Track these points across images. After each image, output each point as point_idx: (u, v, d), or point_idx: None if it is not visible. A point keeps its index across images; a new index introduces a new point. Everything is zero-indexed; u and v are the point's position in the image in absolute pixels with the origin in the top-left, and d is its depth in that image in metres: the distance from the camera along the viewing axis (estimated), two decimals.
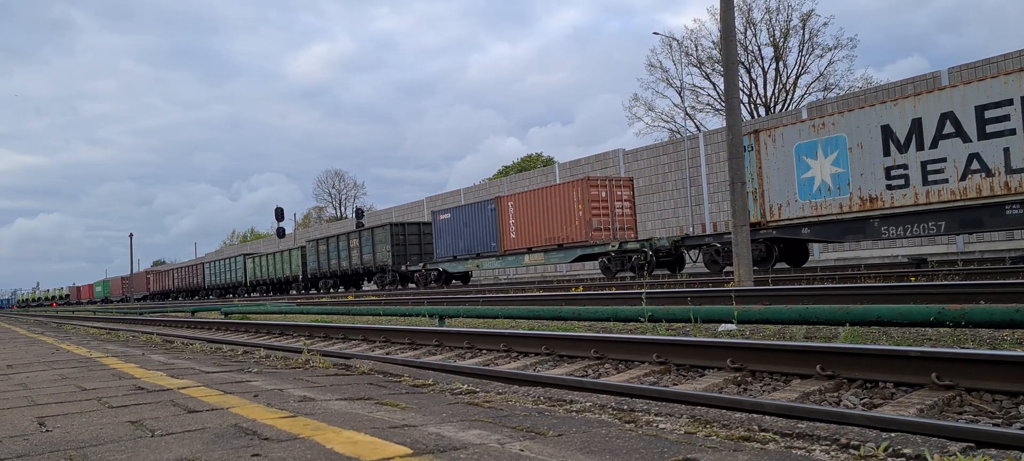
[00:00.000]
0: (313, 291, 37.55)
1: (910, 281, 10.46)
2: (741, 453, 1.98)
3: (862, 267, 16.79)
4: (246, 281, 44.79)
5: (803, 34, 40.47)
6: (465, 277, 29.38)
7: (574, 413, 2.74)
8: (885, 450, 2.01)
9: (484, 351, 6.44)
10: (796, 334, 6.19)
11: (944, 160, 13.65)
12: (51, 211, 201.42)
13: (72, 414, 3.05)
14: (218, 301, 40.48)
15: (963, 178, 13.37)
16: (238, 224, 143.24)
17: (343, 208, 76.87)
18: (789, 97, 41.79)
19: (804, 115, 23.95)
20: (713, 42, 42.04)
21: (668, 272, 19.65)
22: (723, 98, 15.64)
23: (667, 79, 46.04)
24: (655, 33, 70.28)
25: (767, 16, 41.64)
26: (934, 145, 13.80)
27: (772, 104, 41.86)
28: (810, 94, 40.78)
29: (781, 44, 41.08)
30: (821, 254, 23.07)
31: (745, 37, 41.46)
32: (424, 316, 10.00)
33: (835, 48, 40.23)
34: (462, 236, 26.94)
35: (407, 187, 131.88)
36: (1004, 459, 1.90)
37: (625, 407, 2.85)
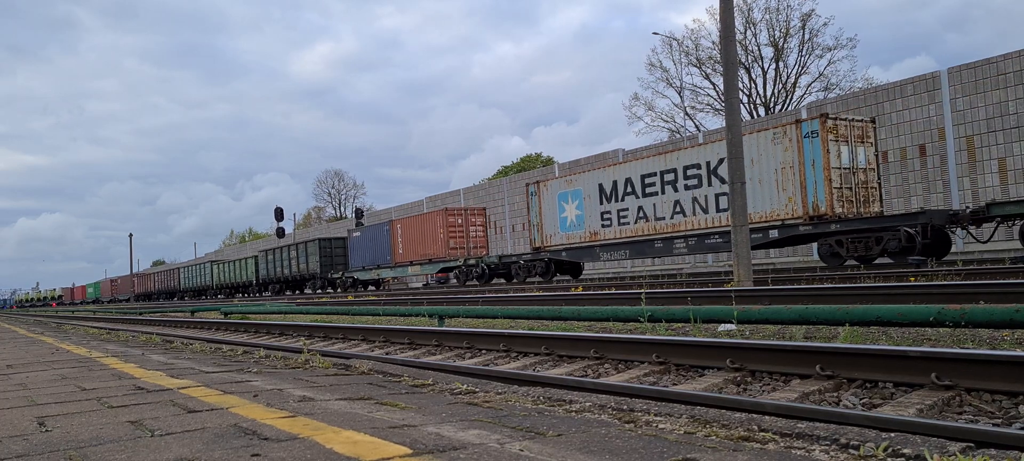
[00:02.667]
0: (265, 293, 43.66)
1: (910, 281, 10.46)
2: (741, 453, 1.98)
3: (861, 267, 16.79)
4: (213, 285, 50.95)
5: (803, 34, 40.51)
6: (377, 283, 34.83)
7: (574, 413, 2.74)
8: (885, 450, 2.01)
9: (484, 351, 6.44)
10: (796, 334, 6.19)
11: (627, 209, 20.48)
12: (53, 211, 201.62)
13: (72, 414, 3.05)
14: (192, 301, 46.07)
15: (635, 222, 20.26)
16: (242, 223, 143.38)
17: (343, 208, 76.89)
18: (789, 97, 41.83)
19: (803, 114, 23.98)
20: (713, 42, 42.07)
21: (503, 281, 25.97)
22: (723, 98, 15.68)
23: (667, 79, 46.09)
24: (655, 33, 70.30)
25: (767, 16, 41.68)
26: (622, 199, 20.61)
27: (772, 104, 41.88)
28: (810, 94, 40.82)
29: (781, 44, 41.11)
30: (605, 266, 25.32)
31: (745, 37, 41.49)
32: (424, 316, 10.00)
33: (835, 48, 40.27)
34: (369, 251, 33.46)
35: (409, 187, 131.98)
36: (1004, 459, 1.90)
37: (625, 407, 2.85)
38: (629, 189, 20.27)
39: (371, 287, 34.56)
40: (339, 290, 34.99)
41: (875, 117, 17.79)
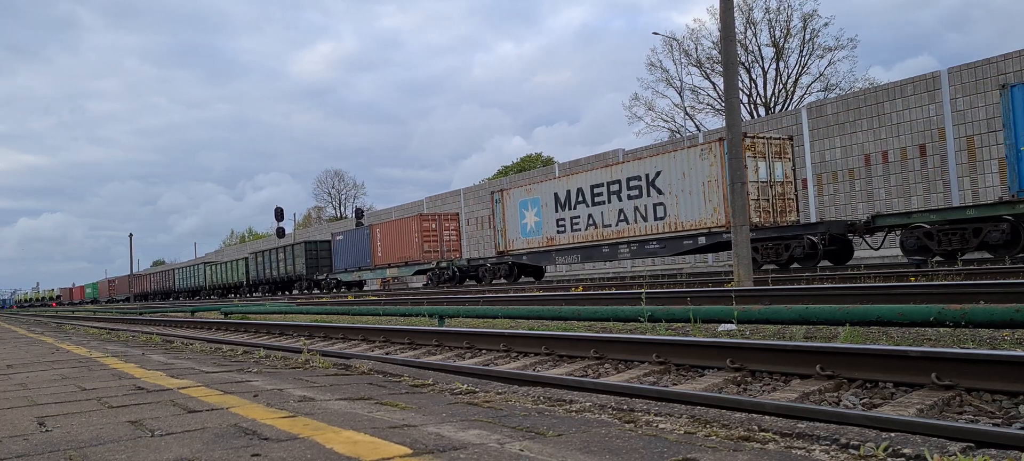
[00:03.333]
0: (256, 293, 44.97)
1: (910, 281, 10.46)
2: (741, 453, 1.98)
3: (861, 267, 16.81)
4: (206, 285, 52.39)
5: (804, 34, 40.52)
6: (360, 284, 35.74)
7: (574, 413, 2.74)
8: (885, 450, 2.01)
9: (484, 351, 6.44)
10: (796, 334, 6.19)
11: (579, 217, 21.97)
12: (54, 211, 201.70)
13: (72, 414, 3.05)
14: (186, 301, 47.99)
15: (586, 229, 21.72)
16: (243, 223, 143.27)
17: (343, 208, 76.90)
18: (789, 97, 41.83)
19: (804, 116, 23.97)
20: (713, 42, 42.07)
21: (476, 283, 27.14)
22: (723, 98, 15.74)
23: (667, 79, 46.08)
24: (655, 33, 70.28)
25: (767, 16, 41.68)
26: (574, 208, 22.11)
27: (772, 104, 41.87)
28: (810, 94, 40.83)
29: (782, 44, 41.10)
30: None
31: (745, 37, 41.49)
32: (424, 316, 10.00)
33: (836, 48, 40.26)
34: (351, 253, 35.02)
35: (410, 187, 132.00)
36: (1004, 459, 1.90)
37: (625, 407, 2.85)
38: (580, 198, 21.93)
39: (355, 287, 35.89)
40: (323, 291, 36.77)
41: (792, 136, 19.40)
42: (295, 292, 40.48)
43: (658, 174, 19.42)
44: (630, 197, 20.26)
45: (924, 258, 14.22)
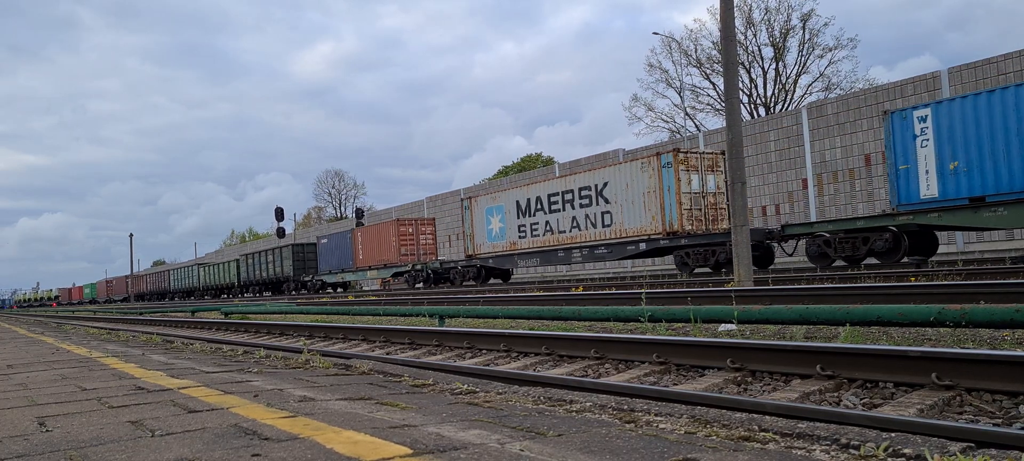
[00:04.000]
0: (246, 293, 46.67)
1: (910, 281, 10.46)
2: (741, 453, 1.98)
3: (862, 267, 16.82)
4: (199, 286, 53.84)
5: (803, 34, 40.50)
6: (346, 286, 37.22)
7: (574, 413, 2.74)
8: (885, 450, 2.01)
9: (484, 351, 6.44)
10: (796, 334, 6.19)
11: (538, 223, 23.56)
12: (55, 211, 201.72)
13: (72, 414, 3.05)
14: (181, 301, 49.72)
15: (544, 235, 23.27)
16: (244, 223, 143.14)
17: (343, 208, 76.90)
18: (789, 97, 41.82)
19: (804, 116, 23.98)
20: (713, 42, 42.06)
21: (450, 284, 28.49)
22: (723, 98, 15.79)
23: (667, 79, 46.08)
24: (655, 33, 70.25)
25: (767, 16, 41.67)
26: (534, 215, 23.67)
27: (772, 104, 41.87)
28: (810, 94, 40.82)
29: (781, 44, 41.09)
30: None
31: (745, 37, 41.48)
32: (424, 316, 10.00)
33: (835, 48, 40.25)
34: (334, 256, 36.77)
35: (410, 187, 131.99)
36: (1004, 459, 1.90)
37: (625, 407, 2.85)
38: (539, 206, 23.55)
39: (339, 288, 37.64)
40: (309, 291, 38.80)
41: (724, 150, 19.95)
42: (283, 292, 42.14)
43: (606, 185, 21.09)
44: (582, 205, 21.96)
45: (827, 262, 15.91)
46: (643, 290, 9.88)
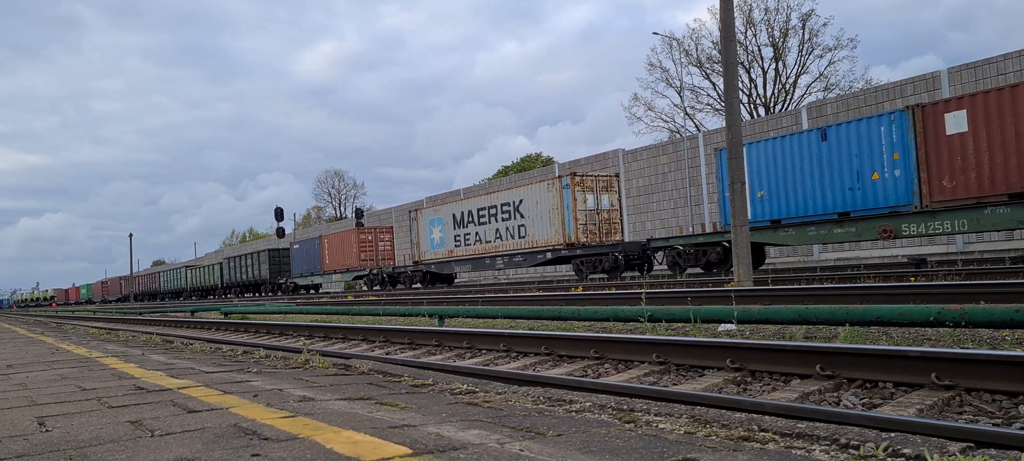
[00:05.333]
0: (228, 295, 49.21)
1: (910, 281, 10.46)
2: (741, 453, 1.98)
3: (862, 267, 16.83)
4: (187, 287, 56.81)
5: (803, 34, 40.49)
6: (316, 287, 40.53)
7: (574, 413, 2.74)
8: (885, 450, 2.01)
9: (484, 351, 6.44)
10: (796, 334, 6.19)
11: (469, 234, 26.77)
12: (56, 211, 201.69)
13: (72, 414, 3.05)
14: (173, 301, 52.41)
15: (473, 244, 26.56)
16: (245, 223, 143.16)
17: (343, 208, 76.88)
18: (789, 97, 41.81)
19: (803, 116, 23.98)
20: (713, 42, 42.06)
21: (403, 286, 31.56)
22: (723, 98, 15.81)
23: (667, 79, 46.06)
24: (655, 33, 70.22)
25: (767, 16, 41.66)
26: (466, 226, 26.95)
27: (772, 104, 41.86)
28: (810, 94, 40.81)
29: (780, 44, 41.08)
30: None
31: (745, 37, 41.47)
32: (424, 316, 10.00)
33: (835, 48, 40.24)
34: (305, 260, 40.05)
35: (410, 186, 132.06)
36: (1004, 459, 1.90)
37: (625, 407, 2.85)
38: (470, 218, 26.77)
39: (311, 290, 40.73)
40: (281, 292, 42.22)
41: (619, 173, 26.14)
42: (260, 293, 45.42)
43: (521, 202, 24.40)
44: (503, 219, 25.24)
45: (681, 270, 18.94)
46: (643, 290, 9.88)
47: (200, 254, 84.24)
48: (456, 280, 32.80)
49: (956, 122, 13.97)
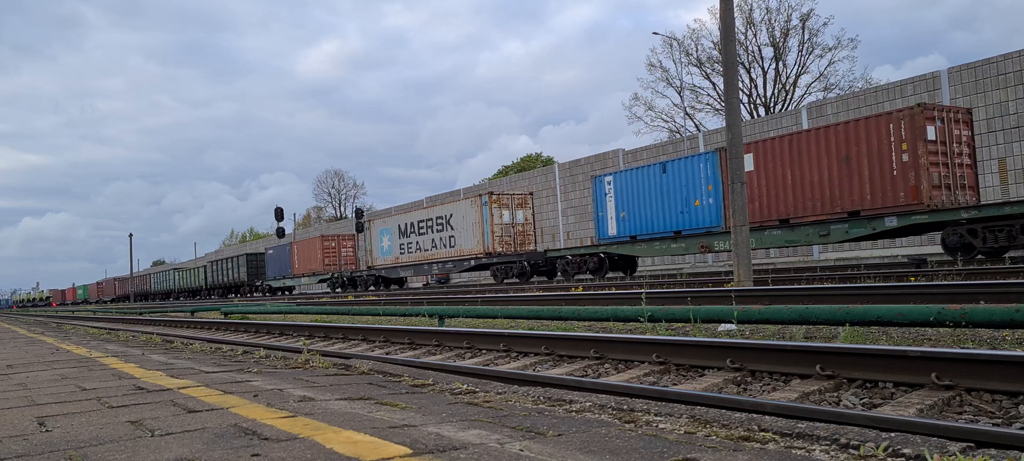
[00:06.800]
0: (212, 296, 52.02)
1: (910, 281, 10.46)
2: (741, 453, 1.98)
3: (862, 267, 16.82)
4: (175, 288, 60.01)
5: (803, 34, 40.50)
6: (289, 290, 44.10)
7: (574, 413, 2.74)
8: (885, 450, 2.01)
9: (484, 351, 6.44)
10: (796, 334, 6.19)
11: (412, 242, 30.79)
12: (58, 210, 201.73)
13: (72, 414, 3.05)
14: (164, 301, 55.42)
15: (415, 252, 30.55)
16: (247, 223, 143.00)
17: (343, 208, 76.87)
18: (789, 97, 41.81)
19: (804, 116, 23.98)
20: (713, 42, 42.05)
21: (360, 289, 34.72)
22: (723, 98, 15.84)
23: (667, 79, 46.04)
24: (655, 33, 70.15)
25: (767, 16, 41.65)
26: (409, 236, 30.96)
27: (772, 104, 41.86)
28: (810, 94, 40.82)
29: (781, 44, 41.08)
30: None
31: (745, 37, 41.47)
32: (424, 316, 10.00)
33: (835, 48, 40.25)
34: (278, 265, 43.51)
35: (411, 186, 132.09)
36: (1004, 459, 1.90)
37: (625, 407, 2.85)
38: (412, 229, 30.77)
39: (285, 292, 43.82)
40: (258, 292, 45.51)
41: (532, 191, 29.92)
42: (238, 295, 48.82)
43: (451, 216, 28.14)
44: (437, 230, 29.09)
45: (570, 276, 22.49)
46: (643, 290, 9.88)
47: (200, 254, 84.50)
48: (406, 284, 36.39)
49: (747, 163, 17.20)
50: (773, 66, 41.89)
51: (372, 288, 33.29)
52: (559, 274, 23.31)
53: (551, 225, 33.81)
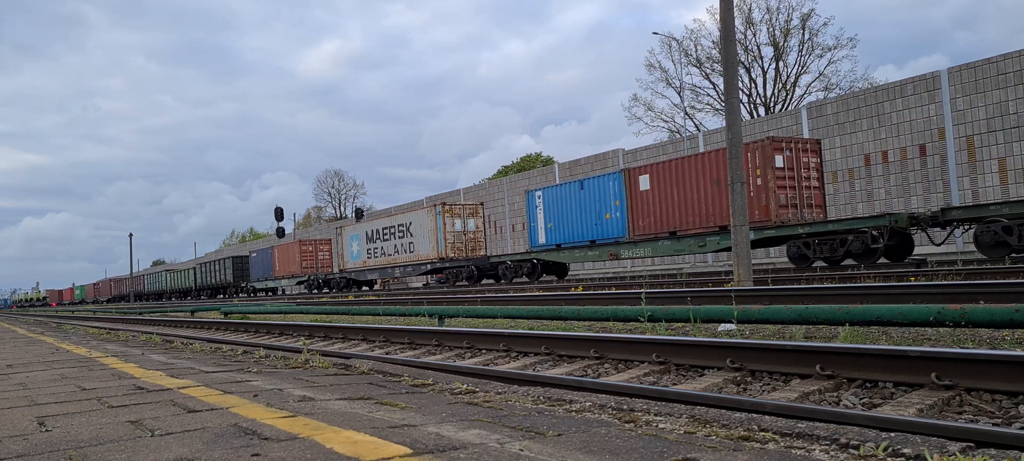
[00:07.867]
0: (202, 296, 53.67)
1: (910, 281, 10.46)
2: (741, 453, 1.98)
3: (862, 267, 16.82)
4: (167, 289, 62.28)
5: (803, 34, 40.49)
6: (274, 291, 45.90)
7: (574, 413, 2.74)
8: (885, 450, 2.01)
9: (484, 351, 6.44)
10: (796, 334, 6.19)
11: (378, 248, 33.18)
12: (59, 210, 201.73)
13: (72, 414, 3.05)
14: (157, 301, 57.75)
15: (380, 256, 32.89)
16: (248, 222, 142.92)
17: (343, 208, 76.83)
18: (789, 97, 41.79)
19: (803, 116, 23.98)
20: (713, 42, 42.04)
21: (334, 291, 36.62)
22: (723, 98, 15.87)
23: (667, 79, 46.03)
24: (655, 33, 70.17)
25: (767, 16, 41.64)
26: (375, 242, 33.43)
27: (772, 104, 41.85)
28: (810, 94, 40.81)
29: (781, 44, 41.07)
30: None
31: (745, 37, 41.46)
32: (424, 316, 10.00)
33: (835, 48, 40.23)
34: (261, 267, 45.73)
35: (412, 186, 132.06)
36: (1004, 459, 1.90)
37: (625, 407, 2.85)
38: (378, 236, 33.33)
39: (268, 293, 45.56)
40: (247, 294, 47.42)
41: (483, 201, 32.96)
42: (224, 295, 50.61)
43: (411, 224, 30.71)
44: (399, 237, 31.69)
45: (508, 280, 24.86)
46: (643, 290, 9.88)
47: (200, 253, 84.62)
48: (375, 286, 38.49)
49: (644, 182, 20.14)
50: (773, 66, 41.91)
51: (344, 289, 35.98)
52: (501, 278, 25.71)
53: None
